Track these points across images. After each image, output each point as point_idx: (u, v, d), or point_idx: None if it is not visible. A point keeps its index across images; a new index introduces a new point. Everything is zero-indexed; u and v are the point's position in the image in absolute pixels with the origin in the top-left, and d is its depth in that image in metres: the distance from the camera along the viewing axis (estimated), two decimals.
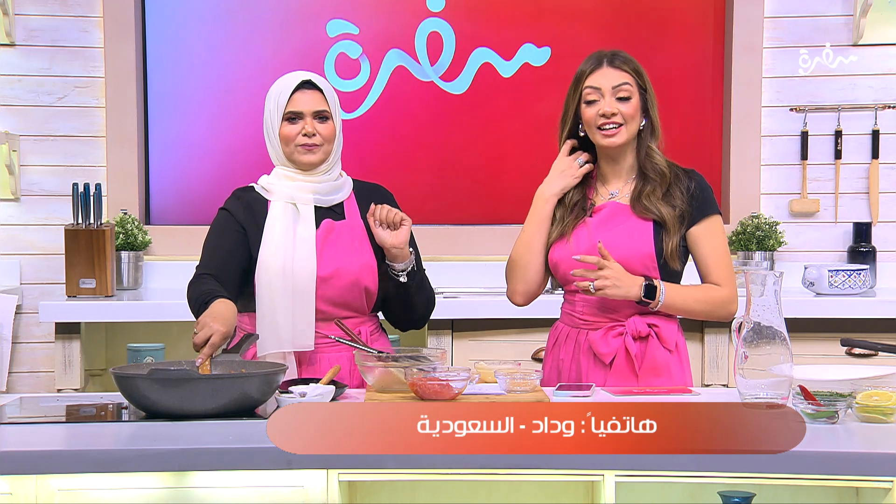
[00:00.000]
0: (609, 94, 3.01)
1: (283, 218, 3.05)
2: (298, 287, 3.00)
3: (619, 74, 3.02)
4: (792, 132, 4.95)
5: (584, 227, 3.07)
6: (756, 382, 2.64)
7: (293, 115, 3.05)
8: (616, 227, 3.03)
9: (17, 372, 4.80)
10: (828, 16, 4.90)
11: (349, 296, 3.05)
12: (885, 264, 4.86)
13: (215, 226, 3.11)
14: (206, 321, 2.74)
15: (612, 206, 3.07)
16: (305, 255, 3.01)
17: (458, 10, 5.01)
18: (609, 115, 3.01)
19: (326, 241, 3.06)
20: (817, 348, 4.27)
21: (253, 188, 3.14)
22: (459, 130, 5.04)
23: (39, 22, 4.84)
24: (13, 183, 4.80)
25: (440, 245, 4.91)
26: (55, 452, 2.35)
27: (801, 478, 2.30)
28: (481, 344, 4.38)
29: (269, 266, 3.00)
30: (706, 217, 3.04)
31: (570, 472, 2.33)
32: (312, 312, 3.01)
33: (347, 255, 3.05)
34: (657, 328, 3.02)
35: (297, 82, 3.05)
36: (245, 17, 5.01)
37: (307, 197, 3.07)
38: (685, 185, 3.05)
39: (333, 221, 3.09)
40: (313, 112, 3.05)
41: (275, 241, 3.02)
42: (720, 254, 3.05)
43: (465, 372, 2.73)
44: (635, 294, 2.95)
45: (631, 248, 3.00)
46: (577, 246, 3.05)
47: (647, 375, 3.01)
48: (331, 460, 2.32)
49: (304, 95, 3.05)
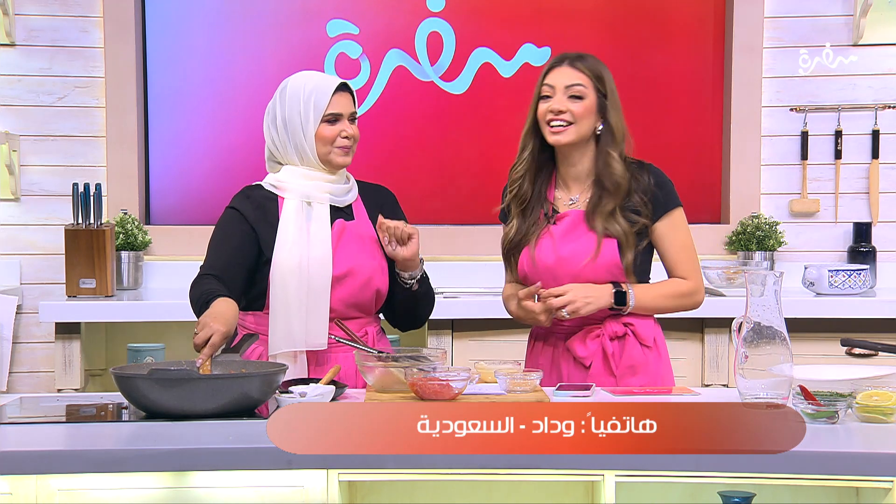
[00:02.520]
0: (561, 92, 3.02)
1: (296, 216, 3.04)
2: (314, 286, 3.00)
3: (576, 74, 3.03)
4: (792, 132, 4.95)
5: (548, 237, 3.07)
6: (756, 382, 2.64)
7: (333, 116, 3.06)
8: (580, 237, 3.04)
9: (17, 372, 4.80)
10: (828, 16, 4.90)
11: (361, 296, 3.06)
12: (885, 264, 4.86)
13: (221, 224, 3.09)
14: (206, 321, 2.74)
15: (573, 214, 3.07)
16: (321, 253, 3.02)
17: (458, 10, 5.01)
18: (557, 111, 3.01)
19: (340, 241, 3.06)
20: (817, 348, 4.27)
21: (261, 186, 3.13)
22: (459, 130, 5.04)
23: (39, 22, 4.84)
24: (13, 183, 4.80)
25: (440, 245, 4.91)
26: (55, 452, 2.35)
27: (801, 478, 2.30)
28: (481, 344, 4.38)
29: (285, 264, 3.00)
30: (667, 212, 3.05)
31: (570, 472, 2.33)
32: (327, 312, 3.01)
33: (361, 256, 3.06)
34: (633, 326, 3.05)
35: (335, 84, 3.07)
36: (245, 17, 5.01)
37: (323, 196, 3.08)
38: (644, 184, 3.04)
39: (345, 222, 3.10)
40: (350, 114, 3.08)
41: (290, 239, 3.02)
42: (684, 247, 3.07)
43: (465, 372, 2.73)
44: (607, 302, 2.99)
45: (597, 259, 3.01)
46: (539, 256, 3.06)
47: (624, 374, 3.03)
48: (331, 460, 2.32)
49: (343, 98, 3.07)
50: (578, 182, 3.09)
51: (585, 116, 3.01)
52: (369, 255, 3.08)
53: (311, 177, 3.08)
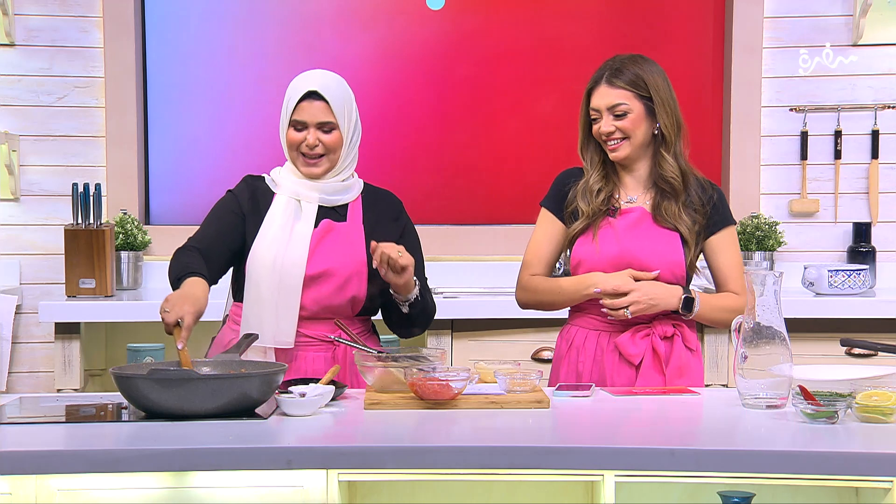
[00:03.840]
0: (606, 113, 3.06)
1: (283, 213, 3.05)
2: (285, 284, 3.00)
3: (615, 94, 3.05)
4: (792, 132, 4.95)
5: (611, 229, 3.09)
6: (756, 382, 2.65)
7: (298, 123, 3.05)
8: (644, 233, 3.07)
9: (17, 372, 4.80)
10: (828, 16, 4.90)
11: (335, 299, 3.04)
12: (884, 264, 4.86)
13: (217, 206, 3.14)
14: (175, 302, 2.75)
15: (638, 210, 3.10)
16: (297, 251, 3.02)
17: (459, 9, 5.01)
18: (607, 134, 3.06)
19: (322, 241, 3.05)
20: (817, 348, 4.27)
21: (264, 178, 3.15)
22: (459, 130, 5.04)
23: (39, 22, 4.84)
24: (13, 183, 4.80)
25: (440, 245, 4.91)
26: (55, 452, 2.34)
27: (801, 478, 2.30)
28: (481, 344, 4.38)
29: (261, 259, 3.01)
30: (725, 227, 3.11)
31: (570, 472, 2.33)
32: (296, 310, 3.00)
33: (340, 258, 3.04)
34: (681, 328, 3.06)
35: (304, 91, 3.04)
36: (245, 16, 5.00)
37: (312, 195, 3.08)
38: (708, 194, 3.10)
39: (333, 222, 3.09)
40: (317, 123, 3.04)
41: (271, 234, 3.03)
42: (738, 263, 3.12)
43: (465, 372, 2.73)
44: (674, 306, 3.00)
45: (660, 255, 3.04)
46: (602, 247, 3.06)
47: (673, 375, 3.04)
48: (331, 460, 2.33)
49: (310, 106, 3.03)
50: (638, 184, 3.13)
51: (636, 128, 3.06)
52: (350, 259, 3.05)
53: (300, 176, 3.09)
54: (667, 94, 3.08)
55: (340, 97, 3.07)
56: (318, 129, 3.04)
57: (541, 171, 4.84)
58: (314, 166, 3.06)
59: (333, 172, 3.09)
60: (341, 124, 3.06)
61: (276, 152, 3.20)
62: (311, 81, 3.06)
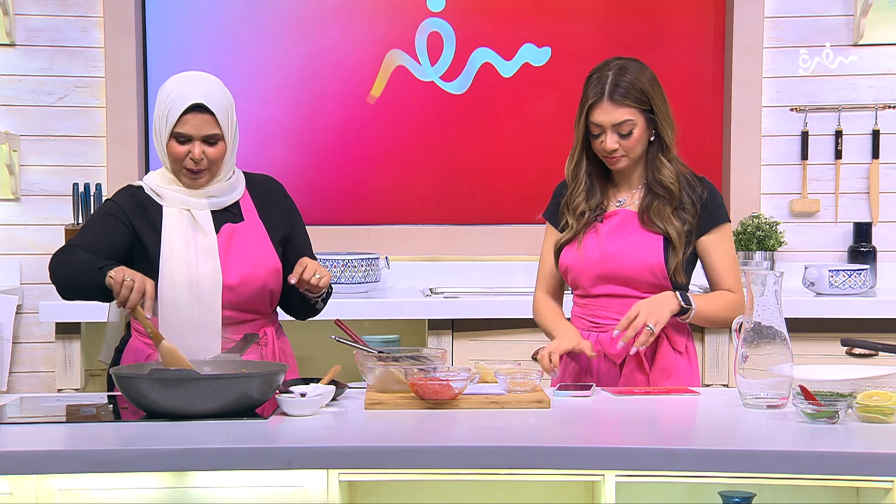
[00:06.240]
0: (610, 130, 3.02)
1: (180, 226, 2.96)
2: (204, 301, 2.93)
3: (620, 112, 3.00)
4: (792, 132, 4.95)
5: (594, 234, 3.08)
6: (756, 382, 2.65)
7: (181, 136, 2.93)
8: (626, 236, 3.06)
9: (17, 372, 4.80)
10: (828, 16, 4.90)
11: (256, 300, 3.01)
12: (885, 264, 4.86)
13: (99, 213, 3.02)
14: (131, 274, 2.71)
15: (623, 214, 3.09)
16: (209, 266, 2.94)
17: (459, 10, 5.01)
18: (611, 151, 3.03)
19: (230, 248, 2.99)
20: (817, 348, 4.27)
21: (142, 188, 3.02)
22: (459, 130, 5.04)
23: (39, 22, 4.84)
24: (13, 183, 4.80)
25: (440, 245, 4.91)
26: (55, 452, 2.34)
27: (801, 478, 2.30)
28: (481, 344, 4.38)
29: (172, 280, 2.91)
30: (717, 226, 3.08)
31: (570, 472, 2.33)
32: (219, 325, 2.95)
33: (253, 261, 3.00)
34: (667, 329, 3.04)
35: (186, 105, 2.90)
36: (245, 17, 5.00)
37: (201, 202, 2.99)
38: (697, 193, 3.07)
39: (233, 225, 3.02)
40: (203, 136, 2.93)
41: (176, 252, 2.93)
42: (731, 261, 3.09)
43: (465, 372, 2.73)
44: (676, 305, 2.97)
45: (642, 259, 3.03)
46: (586, 253, 3.07)
47: (657, 376, 3.04)
48: (331, 460, 2.32)
49: (196, 119, 2.91)
50: (629, 186, 3.12)
51: (636, 145, 3.04)
52: (262, 259, 3.01)
53: (182, 184, 3.00)
54: (664, 103, 3.06)
55: (224, 107, 2.97)
56: (204, 141, 2.93)
57: (541, 171, 4.85)
58: (198, 178, 2.96)
59: (216, 180, 3.01)
60: (226, 134, 2.97)
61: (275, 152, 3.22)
62: (194, 92, 2.93)
